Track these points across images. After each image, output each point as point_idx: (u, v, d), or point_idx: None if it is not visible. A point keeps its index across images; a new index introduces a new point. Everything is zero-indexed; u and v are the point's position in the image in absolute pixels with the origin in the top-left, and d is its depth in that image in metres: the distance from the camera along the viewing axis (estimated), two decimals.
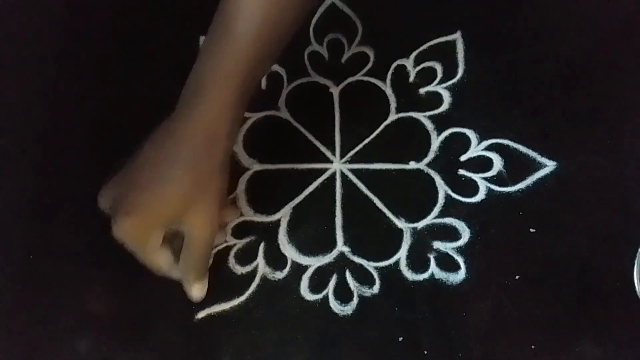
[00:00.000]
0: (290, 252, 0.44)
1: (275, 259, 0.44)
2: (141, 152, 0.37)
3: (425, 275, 0.43)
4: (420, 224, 0.45)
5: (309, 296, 0.42)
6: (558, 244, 0.43)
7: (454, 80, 0.49)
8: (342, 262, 0.43)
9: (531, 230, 0.44)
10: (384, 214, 0.45)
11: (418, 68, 0.50)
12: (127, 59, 0.51)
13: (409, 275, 0.43)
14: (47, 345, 0.41)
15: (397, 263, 0.43)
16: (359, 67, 0.50)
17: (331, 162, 0.47)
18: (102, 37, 0.51)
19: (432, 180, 0.46)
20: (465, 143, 0.47)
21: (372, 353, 0.41)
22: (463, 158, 0.47)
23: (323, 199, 0.46)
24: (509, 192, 0.45)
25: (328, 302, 0.42)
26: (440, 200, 0.45)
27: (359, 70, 0.50)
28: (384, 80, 0.50)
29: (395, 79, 0.50)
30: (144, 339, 0.41)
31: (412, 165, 0.47)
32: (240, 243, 0.44)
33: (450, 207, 0.45)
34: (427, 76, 0.50)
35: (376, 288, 0.43)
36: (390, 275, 0.43)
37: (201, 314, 0.42)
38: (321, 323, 0.41)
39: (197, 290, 0.40)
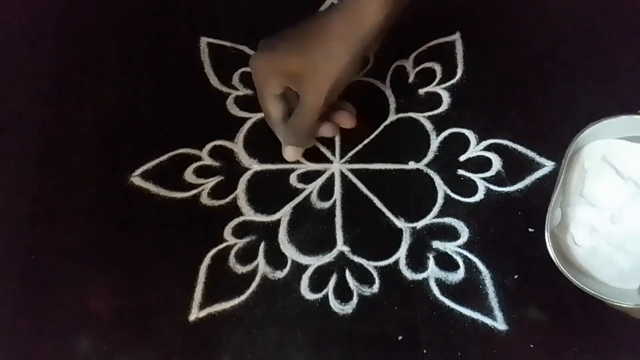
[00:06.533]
0: (290, 252, 0.44)
1: (276, 259, 0.44)
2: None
3: (425, 275, 0.43)
4: (419, 224, 0.45)
5: (309, 295, 0.42)
6: None
7: (453, 81, 0.50)
8: (342, 262, 0.44)
9: (530, 229, 0.44)
10: (383, 213, 0.45)
11: (417, 69, 0.50)
12: (127, 59, 0.51)
13: (409, 274, 0.43)
14: (47, 345, 0.41)
15: (396, 262, 0.43)
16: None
17: (331, 162, 0.47)
18: (102, 37, 0.51)
19: (432, 180, 0.46)
20: (464, 143, 0.47)
21: (372, 352, 0.41)
22: (462, 158, 0.47)
23: (323, 199, 0.46)
24: (507, 192, 0.45)
25: (328, 301, 0.42)
26: (440, 200, 0.45)
27: (358, 71, 0.50)
28: (383, 80, 0.50)
29: (395, 79, 0.50)
30: (145, 339, 0.41)
31: (412, 165, 0.47)
32: (240, 242, 0.44)
33: (450, 207, 0.45)
34: (426, 77, 0.50)
35: (376, 287, 0.43)
36: (390, 274, 0.43)
37: (202, 313, 0.42)
38: (321, 322, 0.42)
39: (290, 153, 0.45)
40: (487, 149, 0.47)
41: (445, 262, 0.43)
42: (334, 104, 0.44)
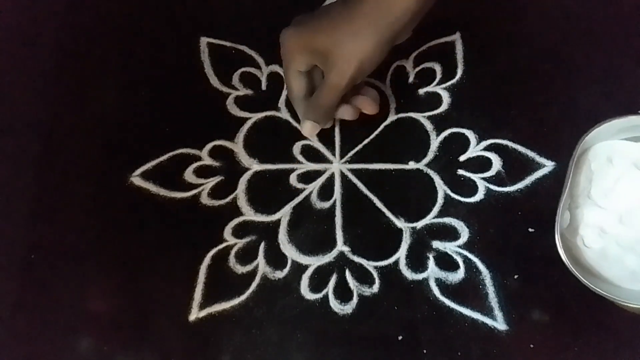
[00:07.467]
0: (290, 252, 0.44)
1: (276, 259, 0.44)
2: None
3: (425, 275, 0.43)
4: (419, 224, 0.45)
5: (309, 295, 0.42)
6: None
7: (453, 81, 0.50)
8: (342, 262, 0.44)
9: (530, 229, 0.44)
10: (383, 213, 0.45)
11: (417, 69, 0.50)
12: (127, 59, 0.51)
13: (409, 274, 0.43)
14: (47, 345, 0.41)
15: (396, 262, 0.43)
16: None
17: (331, 162, 0.47)
18: (102, 37, 0.51)
19: (432, 180, 0.46)
20: (464, 143, 0.47)
21: (372, 352, 0.41)
22: (462, 158, 0.47)
23: (323, 199, 0.46)
24: (507, 191, 0.45)
25: (328, 301, 0.42)
26: (440, 200, 0.45)
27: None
28: (383, 81, 0.50)
29: (395, 79, 0.50)
30: (145, 339, 0.41)
31: (412, 165, 0.47)
32: (240, 242, 0.44)
33: (450, 207, 0.45)
34: (426, 77, 0.50)
35: (376, 287, 0.43)
36: (390, 274, 0.43)
37: (202, 313, 0.42)
38: (321, 322, 0.42)
39: (308, 128, 0.44)
40: (487, 149, 0.47)
41: (445, 262, 0.43)
42: (358, 88, 0.44)
